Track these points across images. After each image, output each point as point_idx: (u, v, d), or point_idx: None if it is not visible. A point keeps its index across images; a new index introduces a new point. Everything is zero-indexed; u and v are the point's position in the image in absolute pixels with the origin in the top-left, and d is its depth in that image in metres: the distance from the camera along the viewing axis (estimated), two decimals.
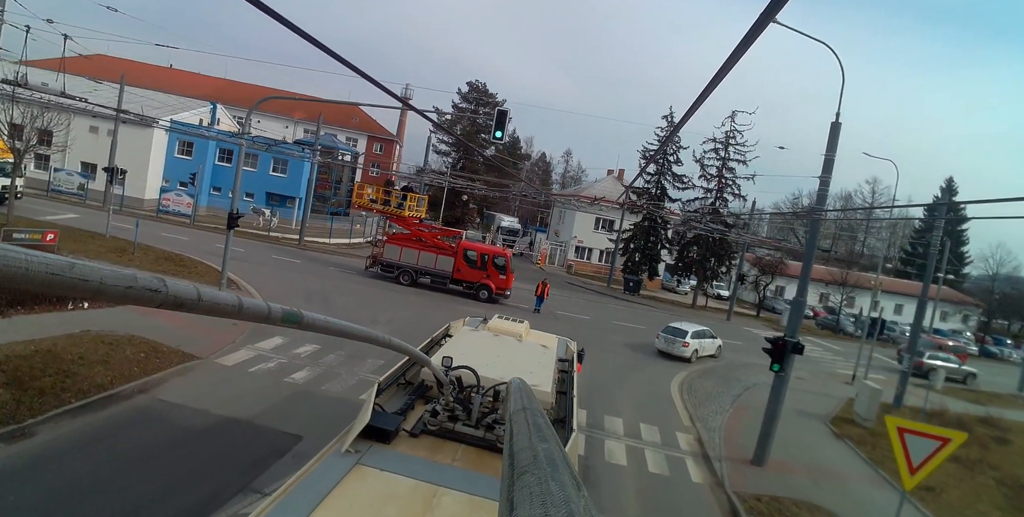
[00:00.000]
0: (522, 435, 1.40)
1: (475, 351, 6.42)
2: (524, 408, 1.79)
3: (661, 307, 37.95)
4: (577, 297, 35.10)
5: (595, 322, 26.83)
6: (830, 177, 12.33)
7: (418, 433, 4.43)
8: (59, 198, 32.82)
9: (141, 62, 68.31)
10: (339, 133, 69.81)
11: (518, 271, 45.18)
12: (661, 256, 46.67)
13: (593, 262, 51.94)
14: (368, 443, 4.05)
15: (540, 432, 1.41)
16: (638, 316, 31.76)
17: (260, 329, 16.44)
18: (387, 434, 4.17)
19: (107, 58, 66.55)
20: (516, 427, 1.54)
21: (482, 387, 4.90)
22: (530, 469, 1.06)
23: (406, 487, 3.59)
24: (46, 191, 33.03)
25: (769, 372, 12.96)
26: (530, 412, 1.71)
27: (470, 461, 4.17)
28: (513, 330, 8.12)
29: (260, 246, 30.51)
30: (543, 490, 0.94)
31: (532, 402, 2.01)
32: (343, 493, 3.41)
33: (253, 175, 43.34)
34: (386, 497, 3.45)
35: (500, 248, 26.92)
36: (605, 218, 49.16)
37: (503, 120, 15.01)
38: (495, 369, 5.58)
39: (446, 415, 4.59)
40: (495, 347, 7.03)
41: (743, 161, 39.85)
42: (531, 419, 1.59)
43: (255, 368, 13.55)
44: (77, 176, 34.18)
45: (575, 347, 8.90)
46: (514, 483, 1.03)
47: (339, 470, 3.64)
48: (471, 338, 7.45)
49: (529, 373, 5.71)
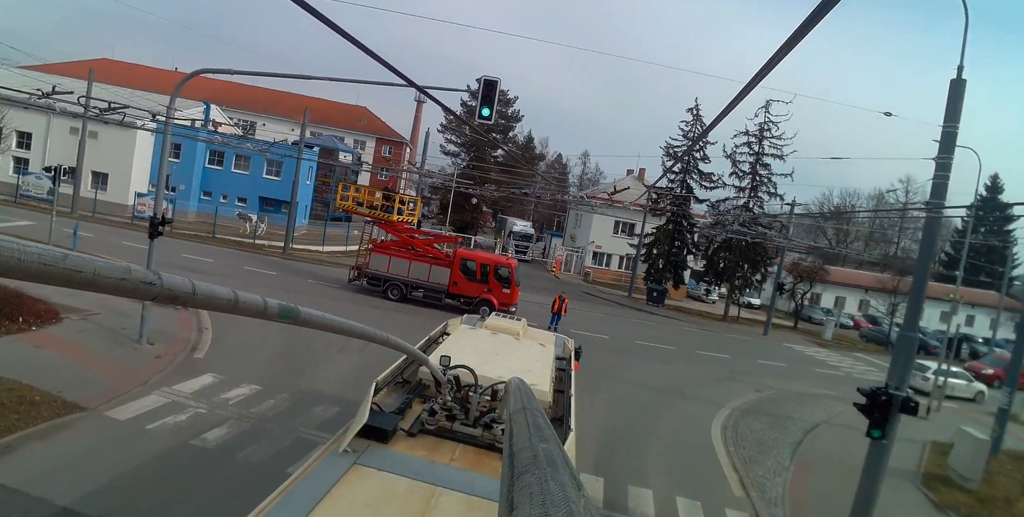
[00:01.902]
0: (522, 435, 1.39)
1: (473, 349, 6.41)
2: (524, 408, 1.77)
3: (689, 320, 33.96)
4: (595, 310, 31.35)
5: (615, 342, 23.09)
6: (951, 159, 8.52)
7: (416, 432, 4.35)
8: (26, 204, 30.10)
9: (146, 65, 66.70)
10: (346, 135, 67.27)
11: (531, 280, 41.71)
12: (687, 262, 42.76)
13: (612, 269, 48.08)
14: (366, 443, 4.01)
15: (540, 432, 1.40)
16: (664, 332, 27.90)
17: (187, 364, 13.16)
18: (385, 434, 4.11)
19: (110, 61, 65.12)
20: (516, 427, 1.53)
21: (480, 386, 4.77)
22: (530, 469, 1.06)
23: (404, 487, 3.59)
24: (14, 196, 30.38)
25: (831, 407, 9.21)
26: (530, 412, 1.69)
27: (468, 461, 4.11)
28: (511, 328, 8.06)
29: (237, 256, 27.32)
30: (543, 490, 0.94)
31: (532, 402, 2.00)
32: (341, 493, 3.40)
33: (245, 178, 40.50)
34: (384, 497, 3.47)
35: (503, 257, 23.31)
36: (625, 221, 45.32)
37: (491, 93, 11.51)
38: (493, 368, 5.56)
39: (444, 414, 4.52)
40: (493, 345, 7.03)
41: (779, 156, 35.78)
42: (531, 419, 1.57)
43: (156, 423, 10.13)
44: (46, 180, 31.44)
45: (572, 345, 8.73)
46: (514, 483, 1.03)
47: (337, 470, 3.63)
48: (469, 336, 7.38)
49: (527, 372, 5.73)
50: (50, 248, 1.11)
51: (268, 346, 15.15)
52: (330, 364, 14.55)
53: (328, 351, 15.37)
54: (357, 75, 33.35)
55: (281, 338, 15.77)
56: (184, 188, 38.78)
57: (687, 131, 41.21)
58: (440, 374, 4.74)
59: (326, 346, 15.59)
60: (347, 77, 35.08)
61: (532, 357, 6.87)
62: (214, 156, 40.03)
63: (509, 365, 5.94)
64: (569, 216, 58.26)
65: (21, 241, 1.05)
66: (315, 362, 14.55)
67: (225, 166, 40.32)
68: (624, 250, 45.77)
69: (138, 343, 13.59)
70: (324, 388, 12.96)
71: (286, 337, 15.83)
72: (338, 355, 15.25)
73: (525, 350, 7.23)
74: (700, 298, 46.41)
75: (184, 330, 15.16)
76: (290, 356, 14.67)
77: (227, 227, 34.05)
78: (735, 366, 22.51)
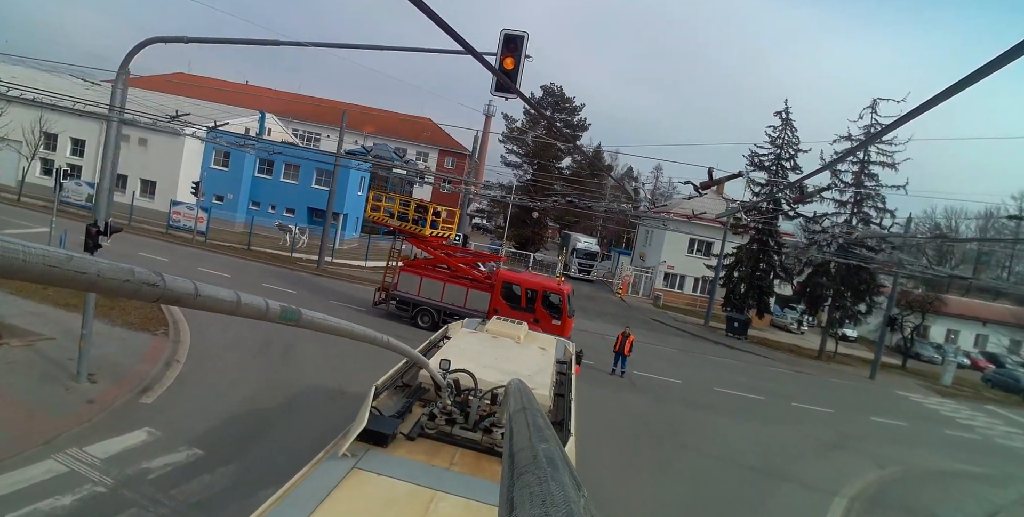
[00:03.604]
0: (522, 435, 1.38)
1: (473, 353, 6.35)
2: (524, 408, 1.74)
3: (778, 357, 28.82)
4: (665, 342, 27.01)
5: (690, 390, 18.84)
6: None
7: (415, 436, 4.36)
8: (66, 210, 29.12)
9: (218, 79, 68.16)
10: (408, 146, 66.06)
11: (594, 303, 37.66)
12: (773, 288, 37.57)
13: (686, 292, 43.27)
14: (365, 447, 4.00)
15: (540, 432, 1.38)
16: (750, 375, 23.26)
17: (125, 413, 10.30)
18: (384, 438, 4.10)
19: (185, 75, 67.00)
20: (516, 427, 1.51)
21: (479, 390, 4.83)
22: (530, 469, 1.06)
23: (403, 491, 3.58)
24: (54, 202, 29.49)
25: (987, 495, 7.49)
26: (530, 412, 1.66)
27: (467, 465, 4.11)
28: (512, 332, 8.04)
29: (263, 270, 24.94)
30: (543, 490, 0.93)
31: (532, 402, 1.94)
32: (339, 497, 3.38)
33: (294, 188, 38.82)
34: (383, 501, 3.45)
35: (555, 281, 19.58)
36: (702, 239, 40.61)
37: (513, 52, 8.01)
38: (493, 372, 5.52)
39: (444, 418, 4.52)
40: (493, 349, 6.96)
41: (890, 164, 30.37)
42: (531, 419, 1.55)
43: (21, 512, 7.14)
44: (85, 187, 30.55)
45: (573, 348, 8.60)
46: (514, 483, 1.02)
47: (335, 474, 3.61)
48: (469, 340, 7.30)
49: (527, 376, 5.59)
50: (55, 250, 1.12)
51: (242, 388, 12.13)
52: (313, 415, 11.28)
53: (314, 399, 12.18)
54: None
55: (262, 377, 12.78)
56: (232, 197, 37.53)
57: (775, 137, 36.39)
58: (440, 378, 4.64)
59: (311, 390, 12.45)
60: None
61: (532, 361, 6.81)
62: (263, 165, 38.64)
63: (509, 369, 5.85)
64: (638, 233, 53.83)
65: (26, 243, 1.05)
66: (291, 413, 11.36)
67: (274, 175, 38.86)
68: (700, 271, 40.93)
69: (75, 381, 10.87)
70: (289, 456, 9.70)
71: (270, 376, 12.82)
72: (326, 404, 12.00)
73: (526, 354, 7.17)
74: (786, 327, 40.86)
75: (147, 364, 12.39)
76: (263, 405, 11.52)
77: (269, 238, 32.17)
78: (843, 426, 17.77)
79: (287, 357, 14.48)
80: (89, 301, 11.01)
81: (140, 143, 34.95)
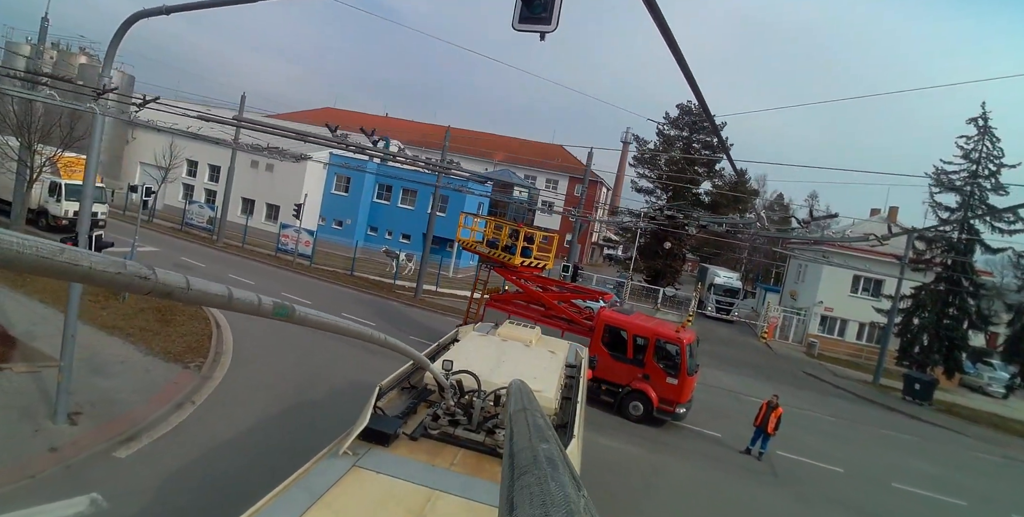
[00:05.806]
0: (522, 435, 1.37)
1: (480, 356, 6.29)
2: (524, 408, 1.72)
3: (976, 436, 21.64)
4: (820, 405, 21.41)
5: (856, 485, 13.67)
6: None
7: (418, 437, 4.32)
8: (188, 231, 30.09)
9: (361, 112, 71.94)
10: (538, 174, 64.60)
11: (732, 349, 31.56)
12: (967, 339, 29.83)
13: (848, 340, 36.05)
14: (366, 446, 3.98)
15: (540, 432, 1.38)
16: (942, 464, 17.19)
17: (83, 469, 8.17)
18: (386, 437, 4.06)
19: (332, 110, 71.56)
20: (516, 427, 1.50)
21: (483, 391, 4.83)
22: (530, 469, 1.05)
23: (402, 490, 3.53)
24: (181, 223, 30.70)
25: None
26: (530, 412, 1.64)
27: (469, 466, 4.05)
28: (523, 336, 7.91)
29: (352, 298, 23.27)
30: (543, 490, 0.92)
31: (532, 403, 1.93)
32: (338, 494, 3.35)
33: (411, 214, 37.98)
34: (381, 500, 3.41)
35: (672, 329, 15.41)
36: (869, 276, 33.66)
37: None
38: (499, 374, 5.49)
39: (447, 419, 4.48)
40: (501, 352, 6.82)
41: None
42: (531, 419, 1.54)
43: None
44: (207, 209, 31.44)
45: (585, 353, 8.51)
46: (514, 483, 1.01)
47: (335, 472, 3.58)
48: (478, 343, 7.23)
49: (533, 378, 5.44)
50: (48, 242, 1.11)
51: (250, 448, 9.67)
52: None
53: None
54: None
55: (284, 433, 10.29)
56: (350, 222, 37.41)
57: (968, 150, 29.28)
58: (443, 379, 4.66)
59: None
60: None
61: (541, 364, 6.68)
62: (382, 190, 38.30)
63: (516, 371, 5.63)
64: (789, 267, 46.89)
65: (20, 235, 1.05)
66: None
67: (392, 201, 38.35)
68: (867, 315, 33.74)
69: (51, 420, 9.04)
70: None
71: (294, 432, 10.30)
72: None
73: (534, 357, 7.03)
74: (982, 389, 32.30)
75: (154, 404, 10.41)
76: (259, 476, 8.92)
77: (377, 264, 31.09)
78: None
79: (327, 406, 11.98)
80: (70, 321, 9.15)
81: (268, 169, 35.96)
